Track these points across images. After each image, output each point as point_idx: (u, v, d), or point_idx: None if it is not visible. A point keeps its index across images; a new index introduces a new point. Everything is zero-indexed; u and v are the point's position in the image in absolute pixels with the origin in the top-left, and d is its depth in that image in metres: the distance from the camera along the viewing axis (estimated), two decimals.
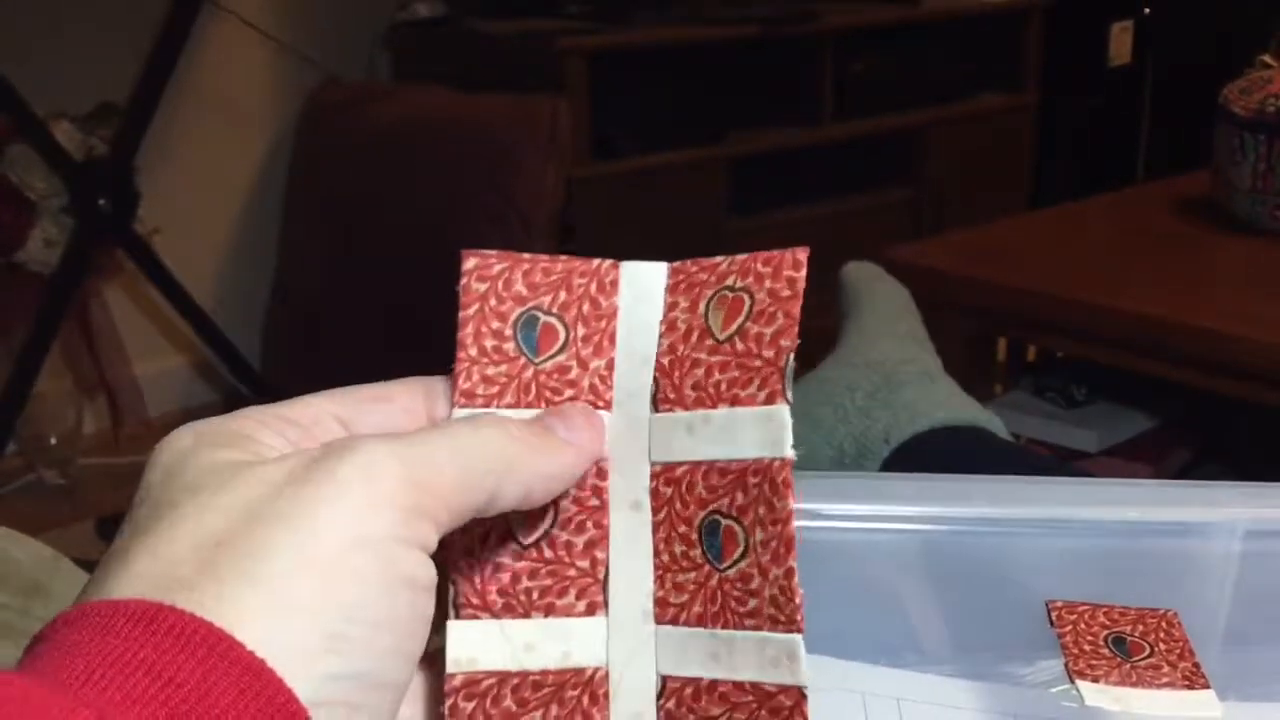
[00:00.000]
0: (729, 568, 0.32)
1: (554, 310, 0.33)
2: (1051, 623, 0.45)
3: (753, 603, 0.31)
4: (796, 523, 0.32)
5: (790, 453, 0.31)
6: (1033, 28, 3.15)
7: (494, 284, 0.33)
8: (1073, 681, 0.43)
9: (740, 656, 0.31)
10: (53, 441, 2.37)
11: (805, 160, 2.86)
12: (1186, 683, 0.43)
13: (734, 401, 0.32)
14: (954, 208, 2.93)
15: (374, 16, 2.73)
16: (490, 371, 0.32)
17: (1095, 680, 0.43)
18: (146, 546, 0.27)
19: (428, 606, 0.28)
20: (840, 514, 0.45)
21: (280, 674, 0.25)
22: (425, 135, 2.39)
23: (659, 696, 0.32)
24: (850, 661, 0.46)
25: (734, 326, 0.33)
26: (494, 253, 0.33)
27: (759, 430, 0.32)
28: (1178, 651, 0.44)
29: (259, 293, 2.66)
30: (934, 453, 0.74)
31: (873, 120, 2.89)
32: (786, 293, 0.32)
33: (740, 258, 0.33)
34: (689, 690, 0.32)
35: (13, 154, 2.20)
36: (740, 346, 0.32)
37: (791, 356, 0.32)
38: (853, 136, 2.87)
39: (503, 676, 0.31)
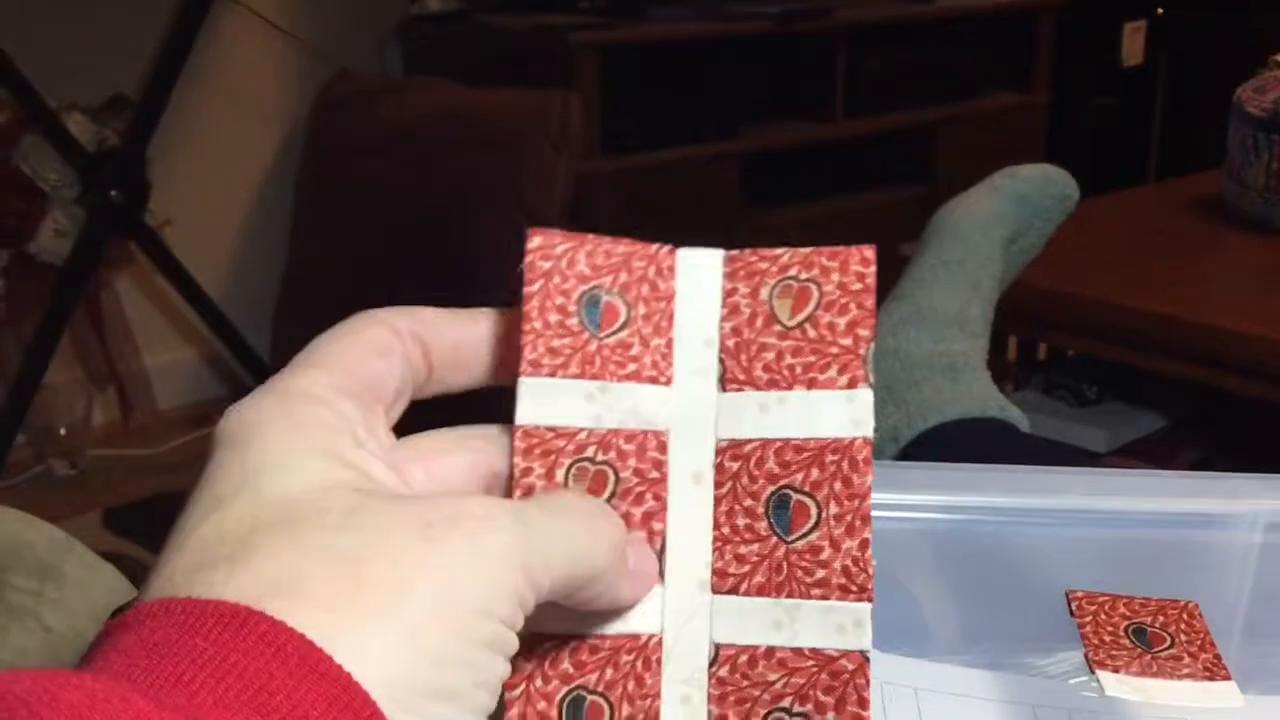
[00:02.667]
0: (797, 540, 0.33)
1: (615, 290, 0.34)
2: (1072, 613, 0.44)
3: (820, 573, 0.33)
4: None
5: (872, 433, 0.33)
6: (1045, 27, 3.14)
7: (558, 263, 0.34)
8: (1093, 672, 0.43)
9: (804, 624, 0.32)
10: (62, 432, 2.37)
11: (817, 156, 2.85)
12: (1208, 674, 0.43)
13: (811, 384, 0.34)
14: None
15: (386, 10, 2.73)
16: (555, 344, 0.33)
17: (1115, 671, 0.42)
18: (258, 549, 0.27)
19: (508, 670, 0.29)
20: None
21: (380, 704, 0.25)
22: (436, 129, 2.39)
23: (711, 664, 0.33)
24: None
25: (803, 314, 0.34)
26: (559, 232, 0.35)
27: (841, 411, 0.34)
28: (1199, 643, 0.44)
29: (269, 285, 2.67)
30: (939, 448, 0.73)
31: (885, 117, 2.88)
32: (857, 286, 0.34)
33: (802, 251, 0.35)
34: (744, 658, 0.33)
35: (25, 144, 2.21)
36: (812, 333, 0.34)
37: (872, 345, 0.34)
38: (865, 133, 2.87)
39: (563, 640, 0.32)
